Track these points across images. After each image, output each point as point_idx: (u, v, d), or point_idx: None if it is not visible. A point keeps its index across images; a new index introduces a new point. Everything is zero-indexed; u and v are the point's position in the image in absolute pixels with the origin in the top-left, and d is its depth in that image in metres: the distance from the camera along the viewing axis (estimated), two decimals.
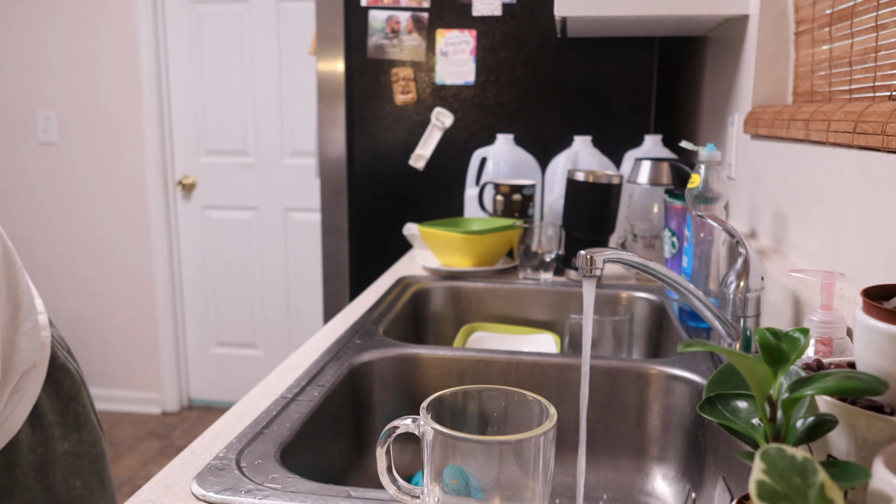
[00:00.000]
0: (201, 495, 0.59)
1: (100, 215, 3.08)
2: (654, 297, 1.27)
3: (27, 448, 0.81)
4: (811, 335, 0.61)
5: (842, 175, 0.81)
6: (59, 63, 2.97)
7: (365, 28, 1.81)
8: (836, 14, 0.94)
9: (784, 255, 1.01)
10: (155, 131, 2.97)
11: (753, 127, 1.17)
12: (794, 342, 0.45)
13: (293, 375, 0.86)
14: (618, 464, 0.93)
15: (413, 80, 1.82)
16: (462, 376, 0.96)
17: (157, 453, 2.83)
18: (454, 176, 1.82)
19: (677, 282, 0.80)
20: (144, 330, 3.15)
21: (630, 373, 0.92)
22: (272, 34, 2.90)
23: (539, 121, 1.80)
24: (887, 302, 0.47)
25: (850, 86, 0.89)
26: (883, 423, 0.42)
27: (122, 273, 3.11)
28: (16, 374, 0.78)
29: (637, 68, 1.76)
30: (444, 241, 1.35)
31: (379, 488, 0.58)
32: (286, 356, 2.95)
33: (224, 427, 0.72)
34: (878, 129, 0.69)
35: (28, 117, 3.03)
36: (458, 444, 0.49)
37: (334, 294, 1.95)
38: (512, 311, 1.33)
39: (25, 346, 0.79)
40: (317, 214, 2.95)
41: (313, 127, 2.78)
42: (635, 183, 1.45)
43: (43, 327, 0.84)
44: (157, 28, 2.93)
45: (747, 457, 0.41)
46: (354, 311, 1.15)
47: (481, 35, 1.78)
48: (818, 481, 0.33)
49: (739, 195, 1.29)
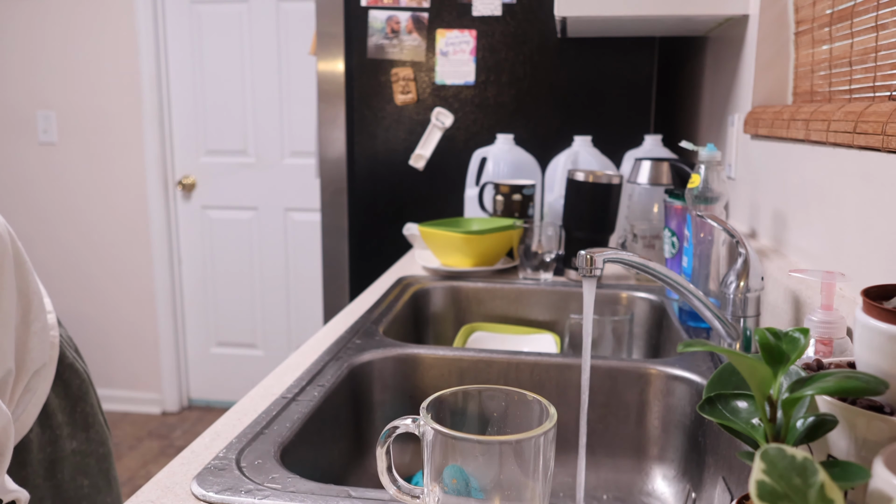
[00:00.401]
0: (201, 495, 0.59)
1: (100, 215, 3.08)
2: (654, 297, 1.27)
3: (37, 447, 0.81)
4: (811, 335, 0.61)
5: (842, 175, 0.81)
6: (59, 63, 2.98)
7: (365, 28, 1.81)
8: (836, 14, 0.94)
9: (784, 255, 1.01)
10: (155, 131, 2.97)
11: (753, 127, 1.17)
12: (794, 342, 0.45)
13: (293, 375, 0.86)
14: (618, 464, 0.93)
15: (413, 80, 1.82)
16: (462, 376, 0.96)
17: (157, 453, 2.83)
18: (454, 176, 1.82)
19: (677, 282, 0.80)
20: (144, 330, 3.15)
21: (630, 373, 0.92)
22: (272, 34, 2.90)
23: (539, 121, 1.80)
24: (887, 302, 0.47)
25: (850, 86, 0.89)
26: (883, 423, 0.42)
27: (122, 273, 3.11)
28: (27, 373, 0.78)
29: (637, 68, 1.76)
30: (444, 241, 1.35)
31: (379, 488, 0.58)
32: (286, 356, 2.94)
33: (224, 427, 0.72)
34: (878, 129, 0.69)
35: (28, 117, 3.03)
36: (458, 444, 0.49)
37: (334, 294, 1.95)
38: (512, 311, 1.33)
39: (36, 345, 0.79)
40: (317, 214, 2.95)
41: (313, 127, 2.78)
42: (635, 183, 1.45)
43: (52, 327, 0.84)
44: (157, 28, 2.93)
45: (747, 457, 0.41)
46: (354, 311, 1.15)
47: (481, 35, 1.78)
48: (818, 481, 0.33)
49: (739, 195, 1.29)
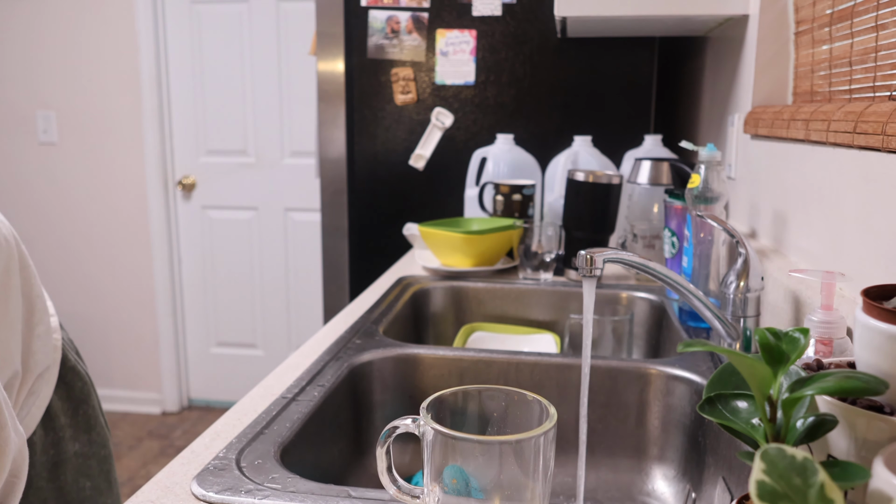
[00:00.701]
0: (201, 495, 0.59)
1: (100, 215, 3.08)
2: (654, 297, 1.26)
3: (40, 449, 0.81)
4: (811, 335, 0.61)
5: (842, 175, 0.81)
6: (59, 63, 2.97)
7: (365, 28, 1.81)
8: (836, 14, 0.94)
9: (784, 255, 1.01)
10: (155, 131, 2.97)
11: (753, 127, 1.17)
12: (794, 342, 0.45)
13: (293, 375, 0.86)
14: (618, 464, 0.93)
15: (413, 80, 1.82)
16: (462, 376, 0.96)
17: (157, 453, 2.83)
18: (454, 176, 1.82)
19: (677, 282, 0.80)
20: (144, 330, 3.15)
21: (630, 373, 0.92)
22: (272, 34, 2.90)
23: (539, 121, 1.80)
24: (887, 302, 0.47)
25: (850, 86, 0.89)
26: (883, 423, 0.42)
27: (122, 273, 3.11)
28: (31, 376, 0.78)
29: (637, 68, 1.76)
30: (444, 241, 1.35)
31: (379, 488, 0.58)
32: (286, 356, 2.94)
33: (224, 427, 0.72)
34: (878, 129, 0.69)
35: (28, 117, 3.03)
36: (458, 444, 0.49)
37: (334, 294, 1.95)
38: (512, 311, 1.33)
39: (39, 349, 0.79)
40: (317, 214, 2.95)
41: (313, 127, 2.78)
42: (635, 183, 1.45)
43: (55, 330, 0.84)
44: (157, 28, 2.93)
45: (747, 457, 0.41)
46: (354, 311, 1.15)
47: (481, 35, 1.78)
48: (818, 481, 0.33)
49: (739, 195, 1.29)
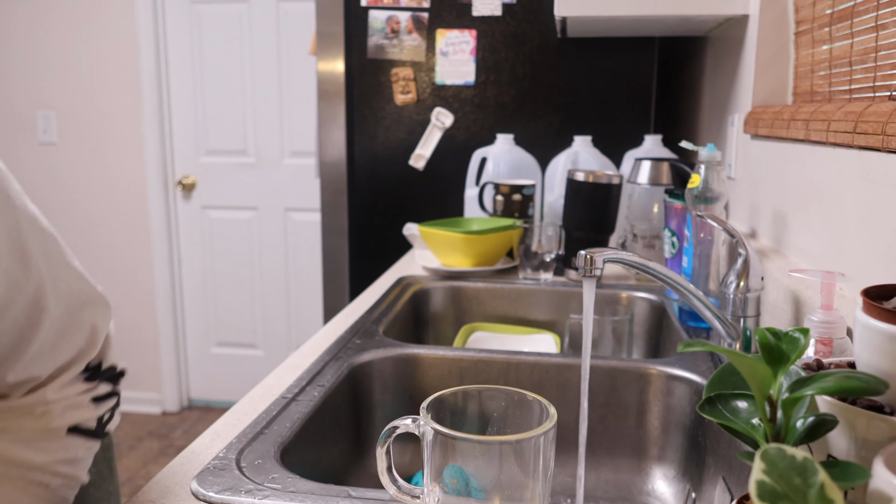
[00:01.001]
0: (201, 495, 0.59)
1: (100, 215, 3.08)
2: (654, 297, 1.26)
3: None
4: (811, 335, 0.61)
5: (842, 175, 0.81)
6: (59, 63, 2.97)
7: (365, 28, 1.81)
8: (836, 14, 0.94)
9: (784, 255, 1.01)
10: (155, 131, 2.97)
11: (753, 127, 1.17)
12: (794, 342, 0.45)
13: (293, 375, 0.86)
14: (618, 464, 0.93)
15: (413, 80, 1.82)
16: (462, 376, 0.96)
17: (157, 453, 2.83)
18: (454, 176, 1.82)
19: (677, 282, 0.80)
20: (144, 330, 3.15)
21: (630, 373, 0.92)
22: (272, 34, 2.90)
23: (539, 121, 1.80)
24: (887, 302, 0.47)
25: (850, 86, 0.89)
26: (883, 423, 0.42)
27: (122, 273, 3.11)
28: None
29: (637, 68, 1.76)
30: (444, 241, 1.35)
31: (379, 488, 0.58)
32: (286, 356, 2.94)
33: (224, 427, 0.72)
34: (878, 129, 0.69)
35: (28, 117, 3.03)
36: (458, 444, 0.49)
37: (334, 294, 1.95)
38: (512, 311, 1.33)
39: None
40: (317, 214, 2.95)
41: (313, 127, 2.78)
42: (635, 183, 1.45)
43: None
44: (157, 28, 2.93)
45: (747, 457, 0.41)
46: (354, 311, 1.15)
47: (481, 35, 1.78)
48: (818, 481, 0.33)
49: (739, 195, 1.29)
